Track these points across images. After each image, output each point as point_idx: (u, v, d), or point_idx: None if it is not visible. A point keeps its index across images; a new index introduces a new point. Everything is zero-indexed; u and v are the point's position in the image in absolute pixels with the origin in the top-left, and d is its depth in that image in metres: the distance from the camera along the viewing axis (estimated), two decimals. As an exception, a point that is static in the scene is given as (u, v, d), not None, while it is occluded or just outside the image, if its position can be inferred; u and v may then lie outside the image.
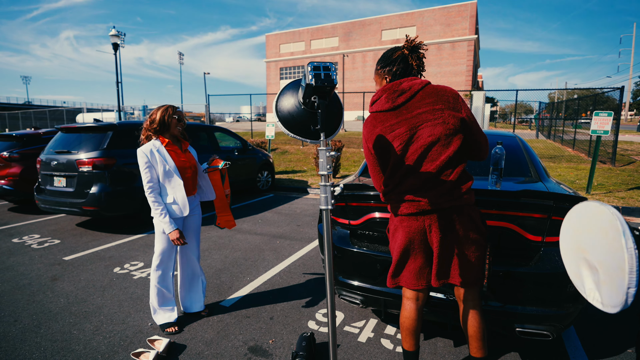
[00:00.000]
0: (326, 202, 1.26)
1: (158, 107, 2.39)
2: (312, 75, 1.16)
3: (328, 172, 1.24)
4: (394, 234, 1.64)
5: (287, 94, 1.37)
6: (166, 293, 2.43)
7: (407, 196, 1.54)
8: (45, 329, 2.47)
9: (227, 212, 2.65)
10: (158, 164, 2.28)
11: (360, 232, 2.20)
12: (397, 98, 1.54)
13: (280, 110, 1.36)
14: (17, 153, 6.13)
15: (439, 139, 1.49)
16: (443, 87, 1.57)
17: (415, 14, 38.45)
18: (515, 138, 2.93)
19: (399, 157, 1.53)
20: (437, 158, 1.50)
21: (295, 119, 1.33)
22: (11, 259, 3.91)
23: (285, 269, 3.51)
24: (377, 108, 1.59)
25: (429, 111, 1.51)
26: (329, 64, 1.21)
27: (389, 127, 1.54)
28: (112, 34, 14.25)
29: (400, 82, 1.56)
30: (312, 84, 1.16)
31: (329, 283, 1.27)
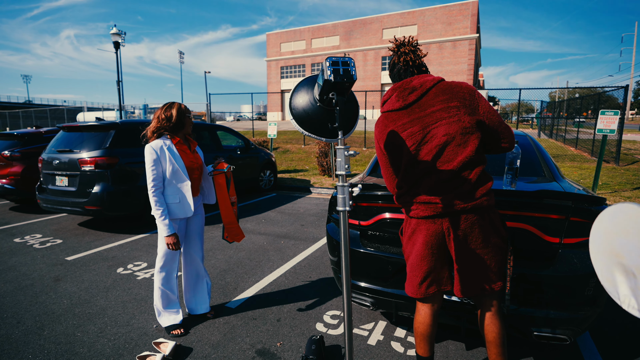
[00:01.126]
0: (344, 204, 1.21)
1: (166, 104, 2.32)
2: (331, 70, 1.11)
3: (346, 172, 1.19)
4: (410, 238, 1.57)
5: (302, 91, 1.31)
6: (170, 295, 2.39)
7: (423, 198, 1.48)
8: (48, 330, 2.43)
9: (235, 224, 2.56)
10: (167, 162, 2.22)
11: (371, 233, 2.15)
12: (409, 96, 1.49)
13: (294, 108, 1.30)
14: (19, 152, 6.08)
15: (454, 138, 1.44)
16: (458, 83, 1.51)
17: (417, 12, 38.34)
18: (526, 137, 2.89)
19: (413, 158, 1.47)
20: (454, 158, 1.44)
21: (310, 116, 1.28)
22: (13, 259, 3.86)
23: (290, 270, 3.46)
24: (388, 107, 1.55)
25: (443, 109, 1.45)
26: (348, 59, 1.15)
27: (400, 126, 1.49)
28: (113, 32, 14.19)
29: (411, 80, 1.52)
30: (331, 80, 1.11)
31: (345, 290, 1.22)
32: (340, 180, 1.22)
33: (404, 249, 1.64)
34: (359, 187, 1.35)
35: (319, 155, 9.52)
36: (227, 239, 2.56)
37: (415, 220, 1.54)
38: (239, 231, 2.58)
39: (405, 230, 1.63)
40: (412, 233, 1.56)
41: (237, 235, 2.58)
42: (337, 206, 1.23)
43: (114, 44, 14.37)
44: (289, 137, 18.79)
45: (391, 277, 2.00)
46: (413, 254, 1.56)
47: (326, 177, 9.32)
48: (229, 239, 2.56)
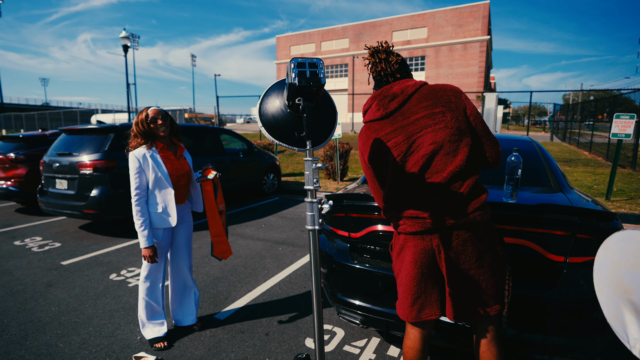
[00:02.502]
0: (313, 222, 1.08)
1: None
2: (296, 73, 0.99)
3: (315, 187, 1.07)
4: (399, 254, 1.45)
5: (272, 95, 1.20)
6: (155, 306, 2.30)
7: (411, 212, 1.36)
8: (31, 340, 2.37)
9: (223, 236, 2.45)
10: (150, 171, 2.14)
11: (361, 246, 2.03)
12: (389, 104, 1.38)
13: (263, 114, 1.19)
14: (23, 154, 6.13)
15: (442, 146, 1.31)
16: (442, 85, 1.39)
17: (427, 14, 38.01)
18: (532, 143, 2.72)
19: (399, 170, 1.36)
20: (444, 169, 1.32)
21: (280, 123, 1.16)
22: (10, 262, 3.85)
23: (285, 279, 3.35)
24: (369, 117, 1.44)
25: (427, 115, 1.33)
26: (316, 60, 1.04)
27: (384, 136, 1.37)
28: (122, 35, 14.37)
29: (391, 87, 1.40)
30: (295, 84, 0.99)
31: (316, 313, 1.10)
32: (308, 196, 1.10)
33: (393, 266, 1.52)
34: (330, 204, 1.22)
35: (324, 158, 9.40)
36: (216, 255, 2.45)
37: (404, 236, 1.41)
38: (226, 246, 2.47)
39: (394, 246, 1.51)
40: (400, 250, 1.44)
41: (224, 252, 2.46)
42: (306, 224, 1.11)
43: (123, 47, 14.55)
44: (296, 140, 18.75)
45: (382, 294, 1.87)
46: (402, 272, 1.44)
47: (331, 180, 9.20)
48: (218, 256, 2.45)
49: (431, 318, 1.42)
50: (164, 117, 2.22)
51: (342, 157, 9.09)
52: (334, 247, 2.15)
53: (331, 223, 2.19)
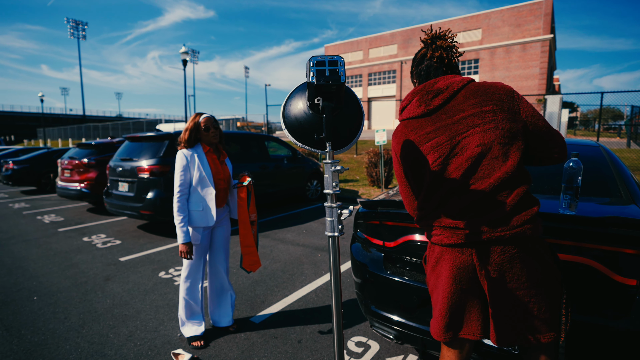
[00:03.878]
0: (332, 228, 1.03)
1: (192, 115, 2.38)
2: (314, 71, 0.95)
3: (334, 191, 1.01)
4: (434, 268, 1.31)
5: (296, 97, 1.17)
6: (194, 306, 2.38)
7: (449, 221, 1.22)
8: (87, 329, 2.58)
9: (253, 248, 2.46)
10: (195, 169, 2.26)
11: (396, 256, 1.92)
12: (433, 100, 1.25)
13: (286, 116, 1.16)
14: (94, 160, 6.84)
15: (490, 148, 1.17)
16: (493, 83, 1.25)
17: (481, 15, 36.21)
18: (598, 148, 2.40)
19: (438, 174, 1.23)
20: (491, 174, 1.18)
21: (302, 125, 1.13)
22: (78, 256, 4.27)
23: (322, 286, 3.31)
24: (408, 114, 1.31)
25: (476, 114, 1.20)
26: (336, 58, 0.99)
27: (423, 136, 1.25)
28: (182, 51, 15.58)
29: (435, 82, 1.27)
30: (314, 83, 0.96)
31: (336, 327, 1.03)
32: (328, 200, 1.04)
33: (427, 280, 1.38)
34: (349, 210, 1.14)
35: (368, 165, 9.27)
36: (244, 267, 2.47)
37: (440, 248, 1.28)
38: (256, 258, 2.47)
39: (428, 258, 1.37)
40: (435, 263, 1.30)
41: (253, 263, 2.46)
42: (326, 231, 1.05)
43: (182, 62, 15.76)
44: (341, 147, 18.76)
45: (418, 309, 1.74)
46: (438, 288, 1.30)
47: (375, 188, 9.02)
48: (247, 268, 2.47)
49: (469, 338, 1.28)
50: (215, 125, 2.34)
51: (386, 164, 8.88)
52: (368, 256, 2.07)
53: (366, 231, 2.11)
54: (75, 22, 49.68)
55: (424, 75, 1.36)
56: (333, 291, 1.01)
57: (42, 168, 9.86)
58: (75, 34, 49.64)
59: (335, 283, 1.02)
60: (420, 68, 1.37)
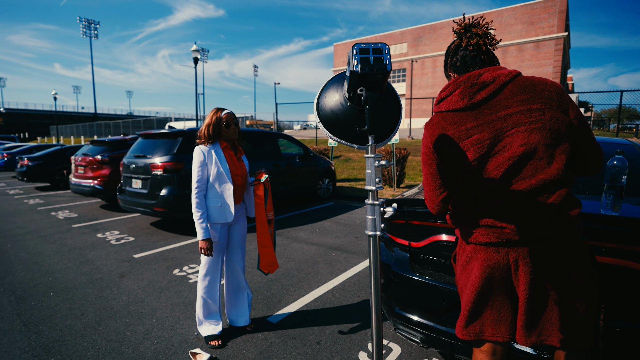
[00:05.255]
0: (374, 227, 0.96)
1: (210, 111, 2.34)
2: (358, 59, 0.89)
3: (377, 188, 0.94)
4: (464, 267, 1.26)
5: (331, 89, 1.10)
6: (212, 304, 2.34)
7: (485, 220, 1.17)
8: (104, 326, 2.56)
9: (271, 248, 2.40)
10: (212, 165, 2.22)
11: (423, 257, 1.85)
12: (477, 93, 1.17)
13: (321, 109, 1.09)
14: (108, 157, 6.88)
15: (535, 149, 1.11)
16: (541, 79, 1.17)
17: (493, 13, 35.69)
18: (633, 147, 2.30)
19: (477, 171, 1.16)
20: (533, 175, 1.11)
21: (339, 118, 1.06)
22: (92, 252, 4.28)
23: (339, 286, 3.25)
24: (448, 106, 1.23)
25: (522, 111, 1.12)
26: (381, 45, 0.92)
27: (464, 131, 1.17)
28: (193, 49, 15.64)
29: (480, 73, 1.19)
30: (358, 72, 0.89)
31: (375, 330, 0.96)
32: (370, 197, 0.97)
33: (457, 280, 1.32)
34: (393, 208, 1.07)
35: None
36: (262, 269, 2.42)
37: (472, 247, 1.22)
38: (273, 259, 2.42)
39: (459, 257, 1.31)
40: (467, 261, 1.25)
41: (271, 264, 2.41)
42: (366, 229, 0.99)
43: (193, 60, 15.82)
44: (351, 146, 18.64)
45: (446, 312, 1.67)
46: (468, 288, 1.24)
47: (387, 187, 8.92)
48: (265, 270, 2.42)
49: (497, 340, 1.21)
50: (236, 121, 2.31)
51: (399, 163, 8.78)
52: (392, 256, 2.00)
53: (390, 230, 2.04)
54: (88, 21, 50.40)
55: (460, 67, 1.28)
56: (373, 294, 0.94)
57: (56, 165, 9.99)
58: (87, 33, 50.37)
59: (375, 285, 0.95)
60: (455, 59, 1.29)
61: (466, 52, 1.26)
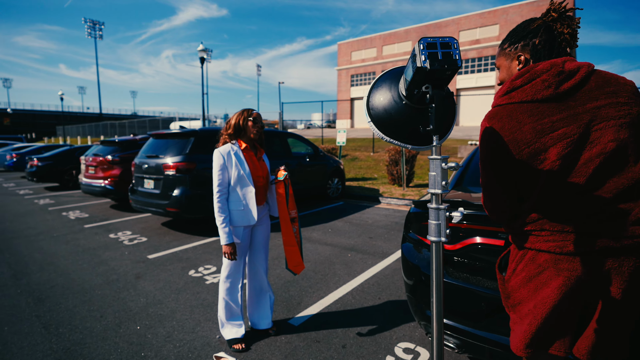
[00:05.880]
0: (438, 232, 0.90)
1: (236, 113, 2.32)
2: (426, 55, 0.83)
3: (444, 191, 0.88)
4: (531, 279, 1.12)
5: (383, 86, 1.04)
6: (234, 307, 2.31)
7: (565, 226, 1.05)
8: (124, 328, 2.53)
9: (295, 247, 2.35)
10: (233, 168, 2.18)
11: (457, 260, 1.79)
12: (563, 83, 1.06)
13: (373, 108, 1.04)
14: (118, 157, 6.87)
15: (625, 145, 1.01)
16: (615, 74, 1.09)
17: (499, 11, 35.38)
18: None
19: (560, 169, 1.05)
20: (624, 174, 1.02)
21: (393, 118, 1.00)
22: (106, 253, 4.27)
23: (358, 287, 3.20)
24: (525, 96, 1.08)
25: (611, 104, 1.03)
26: (448, 39, 0.86)
27: (547, 124, 1.05)
28: (199, 49, 15.65)
29: (564, 61, 1.09)
30: (426, 68, 0.83)
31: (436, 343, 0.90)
32: (433, 201, 0.91)
33: (511, 292, 1.18)
34: (461, 212, 0.99)
35: (389, 163, 9.11)
36: (290, 268, 2.38)
37: (550, 257, 1.08)
38: (299, 259, 2.37)
39: (520, 268, 1.15)
40: (537, 273, 1.10)
41: (297, 265, 2.37)
42: (430, 235, 0.92)
43: (200, 59, 15.83)
44: (357, 145, 18.58)
45: (485, 317, 1.62)
46: (538, 303, 1.10)
47: (396, 186, 8.86)
48: (292, 269, 2.38)
49: (558, 354, 1.14)
50: (262, 124, 2.29)
51: (408, 163, 8.70)
52: (421, 257, 1.95)
53: (420, 232, 1.99)
54: (92, 22, 50.68)
55: (542, 50, 1.15)
56: (434, 305, 0.89)
57: (65, 165, 10.03)
58: (92, 34, 50.65)
59: (437, 296, 0.89)
60: (539, 41, 1.14)
61: (554, 37, 1.15)
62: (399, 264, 3.76)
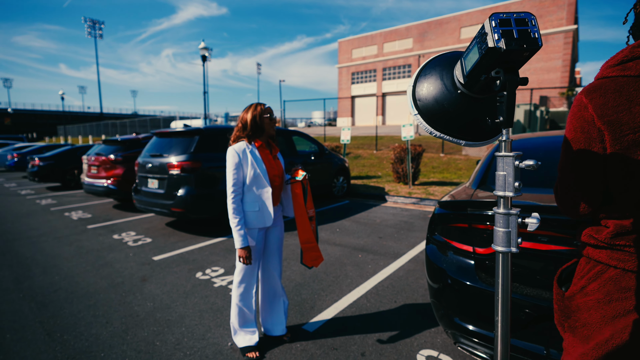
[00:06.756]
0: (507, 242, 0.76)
1: (245, 108, 2.17)
2: (499, 33, 0.70)
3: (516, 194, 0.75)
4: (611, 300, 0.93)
5: (433, 74, 0.90)
6: (247, 313, 2.19)
7: None
8: (131, 335, 2.42)
9: (314, 243, 2.25)
10: (248, 167, 2.05)
11: (492, 265, 1.68)
12: None
13: (420, 99, 0.89)
14: (121, 156, 6.76)
15: None
16: None
17: (501, 7, 35.10)
18: None
19: None
20: None
21: (445, 109, 0.87)
22: (110, 255, 4.16)
23: (372, 290, 3.09)
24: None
25: None
26: (524, 15, 0.73)
27: None
28: (201, 47, 15.49)
29: None
30: (502, 48, 0.69)
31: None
32: (502, 205, 0.77)
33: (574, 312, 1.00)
34: (537, 218, 0.81)
35: (394, 161, 8.98)
36: (306, 263, 2.28)
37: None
38: (317, 254, 2.27)
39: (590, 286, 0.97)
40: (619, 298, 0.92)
41: (315, 259, 2.26)
42: (496, 244, 0.79)
43: (201, 57, 15.68)
44: (359, 143, 18.45)
45: (524, 327, 1.50)
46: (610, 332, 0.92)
47: (401, 184, 8.74)
48: (308, 264, 2.27)
49: None
50: (272, 115, 2.15)
51: (413, 160, 8.57)
52: (448, 260, 1.83)
53: (446, 234, 1.87)
54: (92, 21, 50.46)
55: None
56: (500, 323, 0.77)
57: (67, 164, 9.92)
58: (92, 33, 50.44)
59: (503, 313, 0.77)
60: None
61: None
62: (412, 265, 3.65)
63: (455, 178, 9.52)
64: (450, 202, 1.85)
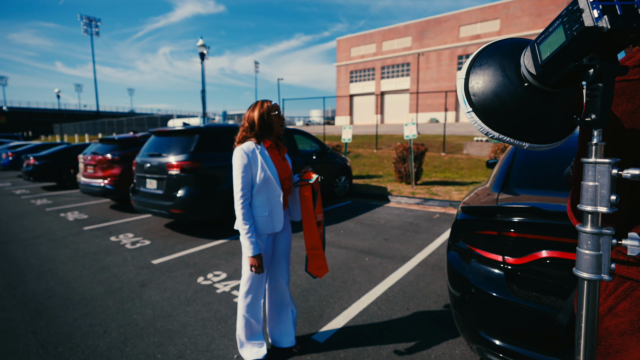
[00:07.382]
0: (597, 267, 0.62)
1: (251, 106, 2.02)
2: (599, 10, 0.55)
3: (611, 210, 0.61)
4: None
5: (491, 65, 0.75)
6: (255, 324, 2.06)
7: None
8: (130, 347, 2.28)
9: (320, 250, 2.12)
10: (258, 168, 1.89)
11: (523, 276, 1.55)
12: None
13: (477, 93, 0.74)
14: (118, 155, 6.59)
15: None
16: None
17: (499, 6, 35.04)
18: None
19: None
20: None
21: (508, 105, 0.73)
22: (108, 258, 4.01)
23: (382, 297, 2.96)
24: None
25: None
26: None
27: None
28: (199, 44, 15.29)
29: None
30: (605, 27, 0.56)
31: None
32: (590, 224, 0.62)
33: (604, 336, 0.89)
34: (638, 239, 0.64)
35: (396, 160, 8.85)
36: (310, 272, 2.14)
37: None
38: (323, 262, 2.13)
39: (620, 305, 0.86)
40: None
41: (320, 268, 2.13)
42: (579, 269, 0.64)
43: (200, 55, 15.48)
44: (359, 142, 18.32)
45: (563, 346, 1.37)
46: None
47: (404, 184, 8.62)
48: (313, 273, 2.14)
49: None
50: (279, 112, 2.00)
51: (416, 159, 8.45)
52: (473, 270, 1.70)
53: (473, 242, 1.74)
54: (89, 18, 49.97)
55: None
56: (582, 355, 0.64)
57: (63, 164, 9.73)
58: (88, 31, 49.95)
59: (586, 350, 0.65)
60: None
61: None
62: (422, 270, 3.52)
63: (458, 178, 9.41)
64: (476, 208, 1.72)
